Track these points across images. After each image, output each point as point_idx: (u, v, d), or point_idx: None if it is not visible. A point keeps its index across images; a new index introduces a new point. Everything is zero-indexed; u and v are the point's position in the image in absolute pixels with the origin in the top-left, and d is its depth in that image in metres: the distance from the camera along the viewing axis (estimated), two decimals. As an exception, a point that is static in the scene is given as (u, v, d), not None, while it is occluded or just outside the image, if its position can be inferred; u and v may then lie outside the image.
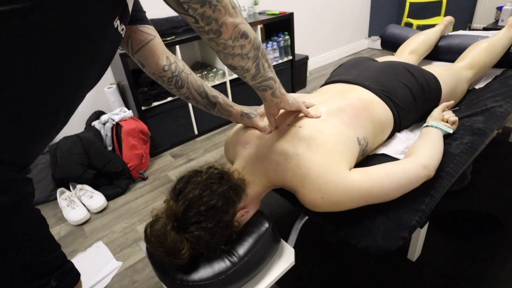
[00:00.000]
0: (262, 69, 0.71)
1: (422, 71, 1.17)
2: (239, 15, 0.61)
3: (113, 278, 1.30)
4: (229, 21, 0.59)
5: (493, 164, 1.64)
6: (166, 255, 0.69)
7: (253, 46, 0.65)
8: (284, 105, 0.84)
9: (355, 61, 1.27)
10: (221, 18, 0.58)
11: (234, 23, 0.59)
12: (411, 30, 1.76)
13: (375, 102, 0.99)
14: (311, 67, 3.40)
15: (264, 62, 0.70)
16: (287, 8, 2.91)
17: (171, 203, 0.73)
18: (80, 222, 1.59)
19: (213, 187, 0.74)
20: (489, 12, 2.78)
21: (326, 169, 0.75)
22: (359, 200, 0.77)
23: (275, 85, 0.77)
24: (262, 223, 0.82)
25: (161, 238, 0.68)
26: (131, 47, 0.79)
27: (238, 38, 0.62)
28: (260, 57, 0.68)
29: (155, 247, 0.70)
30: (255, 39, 0.65)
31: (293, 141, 0.82)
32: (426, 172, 0.82)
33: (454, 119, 1.04)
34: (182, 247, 0.68)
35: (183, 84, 0.87)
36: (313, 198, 0.76)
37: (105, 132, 1.90)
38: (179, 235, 0.69)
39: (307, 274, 1.21)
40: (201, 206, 0.71)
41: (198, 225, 0.70)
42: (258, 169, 0.85)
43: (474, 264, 1.15)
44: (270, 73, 0.74)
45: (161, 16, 2.11)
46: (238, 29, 0.61)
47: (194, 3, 0.54)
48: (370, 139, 0.94)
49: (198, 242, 0.71)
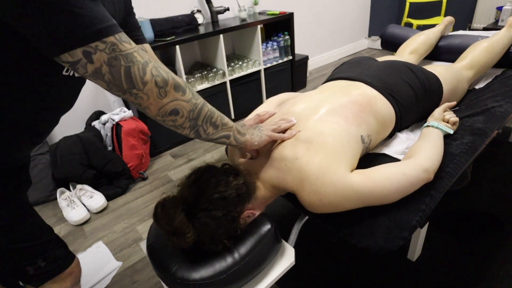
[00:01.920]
0: (204, 134, 0.69)
1: (424, 70, 1.17)
2: (170, 93, 0.58)
3: (113, 278, 1.30)
4: (153, 105, 0.58)
5: (493, 164, 1.64)
6: (171, 235, 0.70)
7: (188, 119, 0.63)
8: (250, 149, 0.82)
9: (357, 60, 1.28)
10: (144, 103, 0.57)
11: (158, 106, 0.58)
12: (412, 30, 1.76)
13: (378, 98, 0.99)
14: (311, 67, 3.40)
15: (207, 127, 0.68)
16: (287, 8, 2.91)
17: (185, 187, 0.75)
18: (80, 222, 1.59)
19: (229, 179, 0.75)
20: (489, 12, 2.78)
21: (325, 171, 0.75)
22: (359, 202, 0.77)
23: (229, 140, 0.75)
24: (265, 224, 0.82)
25: (170, 217, 0.69)
26: None
27: (167, 115, 0.61)
28: (199, 125, 0.66)
29: (162, 226, 0.71)
30: (190, 112, 0.63)
31: (292, 145, 0.81)
32: (427, 175, 0.82)
33: (455, 119, 1.04)
34: (188, 231, 0.69)
35: None
36: (311, 200, 0.76)
37: (105, 132, 1.90)
38: (187, 219, 0.70)
39: (307, 274, 1.21)
40: (214, 194, 0.72)
41: (207, 213, 0.72)
42: (263, 176, 0.85)
43: (474, 264, 1.15)
44: (220, 133, 0.71)
45: (161, 16, 2.12)
46: (164, 110, 0.59)
47: (115, 91, 0.55)
48: (374, 136, 0.94)
49: (203, 230, 0.71)
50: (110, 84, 0.53)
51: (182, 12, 2.27)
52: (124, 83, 0.53)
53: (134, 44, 0.54)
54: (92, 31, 0.47)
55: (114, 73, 0.52)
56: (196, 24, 2.24)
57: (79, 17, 0.46)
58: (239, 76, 2.36)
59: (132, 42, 0.54)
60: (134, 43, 0.54)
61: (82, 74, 0.52)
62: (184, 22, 2.17)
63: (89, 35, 0.47)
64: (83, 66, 0.50)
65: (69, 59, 0.48)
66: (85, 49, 0.48)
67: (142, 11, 2.08)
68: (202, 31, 2.11)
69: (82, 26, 0.46)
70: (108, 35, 0.49)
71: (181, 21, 2.13)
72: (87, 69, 0.50)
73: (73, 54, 0.48)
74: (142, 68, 0.54)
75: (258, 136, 0.81)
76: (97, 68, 0.50)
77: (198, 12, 2.27)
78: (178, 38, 1.96)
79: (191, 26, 2.21)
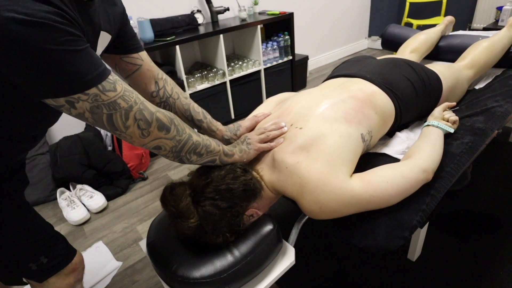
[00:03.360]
0: (188, 161, 0.72)
1: (423, 67, 1.17)
2: (152, 133, 0.62)
3: (113, 278, 1.30)
4: (136, 142, 0.62)
5: (493, 164, 1.64)
6: (176, 217, 0.73)
7: (170, 152, 0.67)
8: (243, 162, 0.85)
9: (357, 59, 1.28)
10: (128, 140, 0.62)
11: (141, 143, 0.63)
12: (412, 29, 1.76)
13: (378, 93, 0.99)
14: (311, 67, 3.40)
15: (190, 156, 0.71)
16: (287, 8, 2.91)
17: (195, 176, 0.78)
18: (80, 222, 1.59)
19: (237, 174, 0.78)
20: (489, 12, 2.78)
21: (325, 179, 0.74)
22: (360, 208, 0.77)
23: (214, 164, 0.78)
24: (267, 224, 0.82)
25: (177, 199, 0.72)
26: (119, 74, 0.81)
27: (151, 148, 0.65)
28: (182, 155, 0.69)
29: (169, 207, 0.73)
30: (173, 147, 0.66)
31: (293, 147, 0.81)
32: (425, 176, 0.82)
33: (455, 118, 1.04)
34: (192, 216, 0.72)
35: (171, 109, 0.92)
36: (312, 208, 0.76)
37: (105, 132, 1.90)
38: (193, 205, 0.73)
39: (307, 273, 1.21)
40: (221, 185, 0.75)
41: (212, 201, 0.74)
42: (265, 174, 0.85)
43: (474, 264, 1.15)
44: (204, 159, 0.74)
45: (161, 16, 2.12)
46: (147, 146, 0.64)
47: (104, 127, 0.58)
48: (375, 132, 0.93)
49: (207, 218, 0.73)
50: (95, 124, 0.57)
51: (182, 12, 2.27)
52: (107, 127, 0.57)
53: (121, 88, 0.56)
54: (75, 85, 0.50)
55: (96, 119, 0.55)
56: (196, 24, 2.24)
57: (62, 72, 0.48)
58: (239, 76, 2.36)
59: (119, 85, 0.56)
60: (120, 86, 0.56)
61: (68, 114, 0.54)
62: (184, 22, 2.16)
63: (72, 88, 0.50)
64: (66, 109, 0.53)
65: (53, 103, 0.51)
66: (68, 99, 0.51)
67: (142, 11, 2.08)
68: (202, 31, 2.12)
69: (65, 80, 0.49)
70: (91, 87, 0.51)
71: (181, 21, 2.13)
72: (71, 112, 0.53)
73: (56, 101, 0.51)
74: (124, 114, 0.57)
75: (246, 153, 0.85)
76: (80, 113, 0.54)
77: (198, 12, 2.27)
78: (178, 38, 1.96)
79: (191, 26, 2.21)
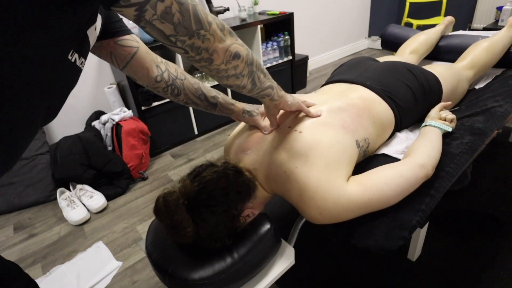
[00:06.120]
0: (258, 82, 0.70)
1: (423, 71, 1.17)
2: (227, 36, 0.58)
3: (113, 278, 1.30)
4: (219, 47, 0.57)
5: (493, 164, 1.64)
6: (171, 228, 0.71)
7: (246, 64, 0.63)
8: (283, 106, 0.83)
9: (356, 61, 1.27)
10: (211, 46, 0.55)
11: (224, 48, 0.57)
12: (412, 30, 1.76)
13: (377, 101, 0.99)
14: (311, 67, 3.40)
15: (259, 74, 0.69)
16: (287, 8, 2.91)
17: (187, 183, 0.75)
18: (80, 222, 1.59)
19: (229, 176, 0.76)
20: (489, 12, 2.78)
21: (323, 185, 0.74)
22: (360, 211, 0.77)
23: (273, 92, 0.76)
24: (265, 224, 0.82)
25: (171, 211, 0.69)
26: (117, 64, 0.75)
27: (230, 60, 0.60)
28: (255, 71, 0.67)
29: (163, 218, 0.71)
30: (247, 56, 0.63)
31: (292, 151, 0.80)
32: (424, 172, 0.81)
33: (452, 117, 1.04)
34: (188, 226, 0.70)
35: (180, 91, 0.85)
36: (312, 214, 0.76)
37: (105, 132, 1.90)
38: (188, 214, 0.70)
39: (307, 274, 1.21)
40: (215, 190, 0.73)
41: (207, 209, 0.72)
42: (262, 175, 0.85)
43: (474, 264, 1.15)
44: (267, 82, 0.73)
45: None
46: (229, 52, 0.59)
47: (181, 35, 0.52)
48: (372, 140, 0.94)
49: (203, 225, 0.71)
50: (179, 26, 0.50)
51: (182, 12, 2.27)
52: (193, 23, 0.50)
53: None
54: None
55: (184, 11, 0.49)
56: (196, 24, 2.24)
57: None
58: (239, 76, 2.36)
59: None
60: None
61: (148, 19, 0.48)
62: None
63: None
64: (153, 6, 0.46)
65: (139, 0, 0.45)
66: None
67: (142, 11, 2.08)
68: (202, 31, 2.11)
69: None
70: None
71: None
72: (156, 10, 0.47)
73: None
74: (203, 8, 0.52)
75: (291, 97, 0.83)
76: (167, 7, 0.47)
77: (198, 12, 2.27)
78: (178, 38, 1.95)
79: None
